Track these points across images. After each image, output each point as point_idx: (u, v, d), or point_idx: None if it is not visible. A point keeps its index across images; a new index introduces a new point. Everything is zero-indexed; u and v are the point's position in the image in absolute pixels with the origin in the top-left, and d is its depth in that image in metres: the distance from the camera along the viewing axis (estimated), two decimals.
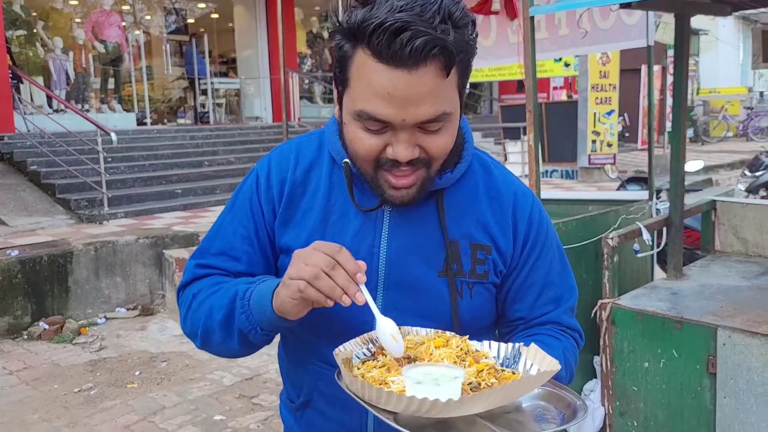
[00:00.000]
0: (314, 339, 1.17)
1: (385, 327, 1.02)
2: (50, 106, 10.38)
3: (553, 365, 0.96)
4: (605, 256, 2.61)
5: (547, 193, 4.37)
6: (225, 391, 4.30)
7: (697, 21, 19.98)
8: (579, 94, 10.94)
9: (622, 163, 12.09)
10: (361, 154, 1.06)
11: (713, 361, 2.34)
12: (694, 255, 3.37)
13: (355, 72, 1.01)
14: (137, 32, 13.45)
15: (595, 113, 10.50)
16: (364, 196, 1.15)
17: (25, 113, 8.91)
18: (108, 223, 7.11)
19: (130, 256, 6.14)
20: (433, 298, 1.14)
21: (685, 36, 2.67)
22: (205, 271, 1.21)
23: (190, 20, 15.96)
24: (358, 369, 0.99)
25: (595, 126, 10.55)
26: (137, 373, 4.64)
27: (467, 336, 1.07)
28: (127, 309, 6.03)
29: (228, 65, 16.23)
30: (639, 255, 2.87)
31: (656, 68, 10.87)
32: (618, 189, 6.11)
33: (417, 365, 0.97)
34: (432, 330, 1.08)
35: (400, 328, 1.07)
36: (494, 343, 1.06)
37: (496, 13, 3.51)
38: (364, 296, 0.98)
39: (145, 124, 12.13)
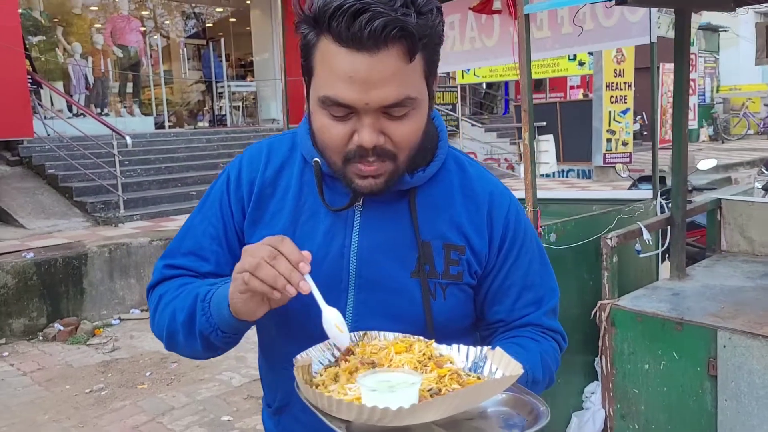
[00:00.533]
0: (288, 342, 1.15)
1: (330, 317, 1.01)
2: (70, 111, 10.53)
3: (516, 370, 0.93)
4: (604, 256, 2.58)
5: (546, 192, 4.32)
6: (233, 392, 4.32)
7: (717, 18, 19.72)
8: (593, 92, 10.85)
9: (640, 162, 11.97)
10: (329, 143, 1.05)
11: (714, 363, 2.31)
12: (707, 254, 3.31)
13: (319, 59, 1.01)
14: (156, 36, 13.59)
15: (610, 112, 10.40)
16: (335, 195, 1.14)
17: (44, 118, 9.06)
18: (123, 226, 7.19)
19: (144, 257, 6.20)
20: (406, 300, 1.12)
21: (685, 32, 2.63)
22: (173, 272, 1.20)
23: (208, 24, 16.11)
24: (321, 375, 0.98)
25: (610, 125, 10.46)
26: (148, 374, 4.69)
27: (432, 341, 1.04)
28: (141, 310, 6.09)
29: (245, 68, 16.35)
30: (641, 255, 2.83)
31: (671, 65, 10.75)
32: (630, 188, 6.04)
33: (375, 371, 0.95)
34: (399, 334, 1.06)
35: (366, 333, 1.06)
36: (463, 347, 1.04)
37: (499, 12, 3.49)
38: (309, 285, 0.97)
39: (164, 127, 12.25)
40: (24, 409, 4.18)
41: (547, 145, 11.35)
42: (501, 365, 0.97)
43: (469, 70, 10.27)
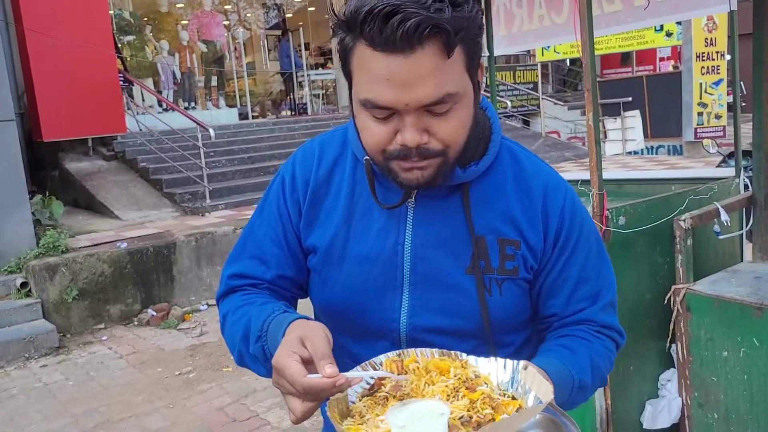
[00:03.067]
0: (345, 339, 1.16)
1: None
2: (160, 106, 11.03)
3: (547, 396, 0.91)
4: (677, 238, 2.47)
5: (615, 172, 4.11)
6: None
7: None
8: (683, 64, 10.32)
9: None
10: (370, 143, 1.04)
11: None
12: None
13: (357, 63, 1.00)
14: (239, 30, 13.98)
15: (701, 84, 9.86)
16: (388, 193, 1.13)
17: (136, 114, 9.54)
18: (209, 215, 7.49)
19: (229, 245, 6.44)
20: (461, 296, 1.10)
21: None
22: (237, 282, 1.21)
23: (288, 14, 16.41)
24: (358, 402, 0.97)
25: (701, 97, 9.92)
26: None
27: (467, 359, 1.01)
28: None
29: (325, 56, 16.57)
30: (721, 237, 2.69)
31: None
32: (719, 165, 5.74)
33: (405, 402, 0.94)
34: (437, 351, 1.02)
35: (403, 351, 1.03)
36: (500, 360, 1.00)
37: None
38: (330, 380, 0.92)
39: (247, 118, 12.62)
40: (121, 391, 4.46)
41: (633, 121, 10.93)
42: (533, 386, 0.95)
43: (549, 47, 9.99)
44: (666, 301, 2.55)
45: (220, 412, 4.04)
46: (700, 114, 10.05)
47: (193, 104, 12.14)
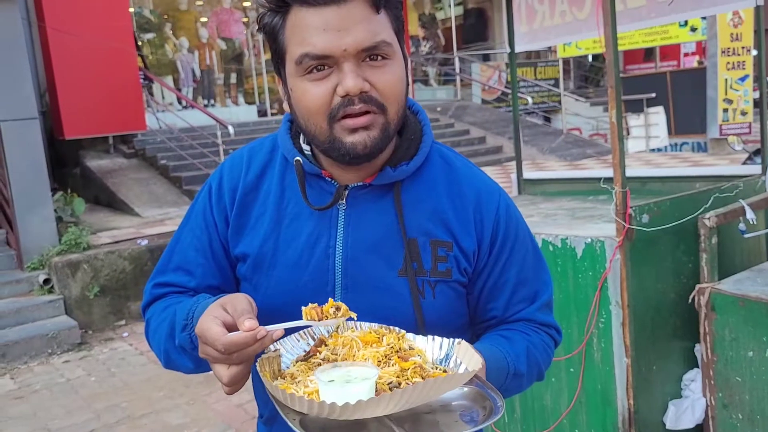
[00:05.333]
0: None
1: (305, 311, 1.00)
2: (179, 104, 11.10)
3: (476, 365, 0.93)
4: (702, 237, 2.43)
5: (638, 170, 4.04)
6: None
7: None
8: (708, 59, 10.13)
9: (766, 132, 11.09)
10: (313, 107, 1.03)
11: None
12: None
13: (290, 32, 1.04)
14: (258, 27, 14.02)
15: (726, 79, 9.69)
16: (318, 194, 1.12)
17: (156, 111, 9.60)
18: None
19: None
20: (395, 299, 1.10)
21: None
22: (161, 290, 1.20)
23: None
24: (292, 367, 0.99)
25: (726, 93, 9.75)
26: None
27: (404, 332, 1.03)
28: None
29: None
30: (747, 236, 2.64)
31: None
32: (745, 162, 5.63)
33: (336, 365, 0.95)
34: (375, 325, 1.04)
35: (341, 323, 1.04)
36: (438, 338, 1.02)
37: None
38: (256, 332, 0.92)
39: (266, 115, 12.65)
40: (142, 387, 4.50)
41: (656, 117, 10.80)
42: (465, 359, 0.98)
43: (570, 43, 9.90)
44: (690, 301, 2.51)
45: (240, 409, 4.06)
46: (725, 110, 9.88)
47: (212, 101, 12.20)
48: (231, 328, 0.93)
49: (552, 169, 9.11)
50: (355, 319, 1.03)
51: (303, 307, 1.00)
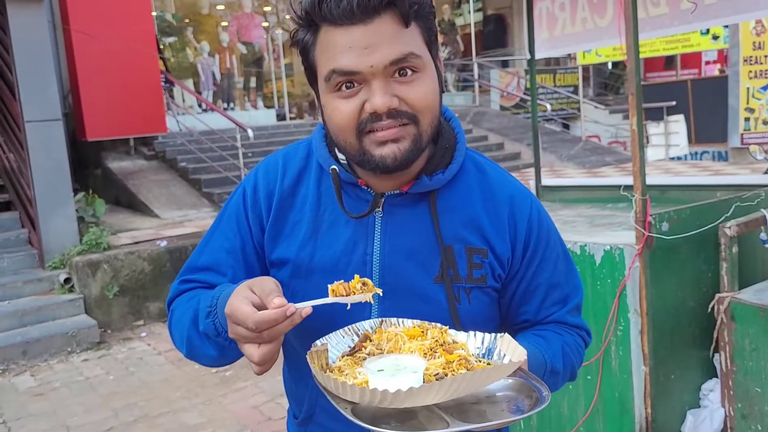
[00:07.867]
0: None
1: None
2: (200, 107, 11.20)
3: (521, 356, 0.96)
4: (722, 246, 2.42)
5: (658, 178, 4.01)
6: None
7: None
8: (729, 68, 10.04)
9: None
10: (342, 123, 1.04)
11: None
12: None
13: (320, 51, 1.04)
14: (278, 31, 14.11)
15: (748, 88, 9.60)
16: (355, 202, 1.13)
17: (177, 114, 9.70)
18: None
19: None
20: (431, 305, 1.11)
21: None
22: (187, 285, 1.20)
23: None
24: (338, 361, 1.01)
25: (748, 102, 9.66)
26: None
27: (447, 327, 1.05)
28: None
29: None
30: (767, 245, 2.62)
31: None
32: (766, 172, 5.59)
33: (384, 356, 0.98)
34: (418, 321, 1.06)
35: (384, 320, 1.07)
36: (479, 334, 1.04)
37: None
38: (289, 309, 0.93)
39: (285, 119, 12.73)
40: (159, 386, 4.53)
41: (677, 126, 10.72)
42: (509, 351, 1.00)
43: (590, 50, 9.86)
44: (710, 310, 2.50)
45: (256, 410, 4.08)
46: (746, 119, 9.78)
47: (231, 105, 12.29)
48: (260, 308, 0.94)
49: (570, 176, 9.07)
50: (381, 295, 1.06)
51: (329, 285, 1.01)
